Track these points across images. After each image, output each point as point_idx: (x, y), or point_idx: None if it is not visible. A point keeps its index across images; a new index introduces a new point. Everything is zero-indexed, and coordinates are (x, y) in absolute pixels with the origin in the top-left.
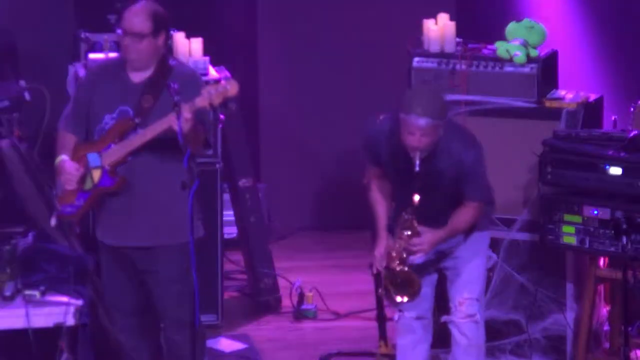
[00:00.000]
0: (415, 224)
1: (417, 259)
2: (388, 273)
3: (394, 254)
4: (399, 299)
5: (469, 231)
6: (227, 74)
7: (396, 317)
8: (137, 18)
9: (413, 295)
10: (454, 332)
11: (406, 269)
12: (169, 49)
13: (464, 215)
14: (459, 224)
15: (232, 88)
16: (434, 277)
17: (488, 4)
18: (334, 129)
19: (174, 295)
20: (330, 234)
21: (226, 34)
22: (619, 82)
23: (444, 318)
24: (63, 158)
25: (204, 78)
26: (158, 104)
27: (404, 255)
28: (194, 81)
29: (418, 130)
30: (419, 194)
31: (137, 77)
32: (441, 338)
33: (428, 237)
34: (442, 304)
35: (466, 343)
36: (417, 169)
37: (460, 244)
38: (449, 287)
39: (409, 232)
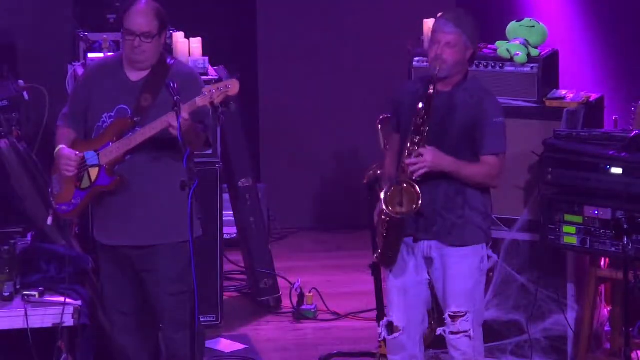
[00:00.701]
0: (425, 135)
1: (418, 172)
2: (393, 184)
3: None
4: (391, 207)
5: (459, 242)
6: (227, 74)
7: (389, 338)
8: (145, 18)
9: (412, 206)
10: (448, 345)
11: (409, 179)
12: (167, 47)
13: (476, 164)
14: (467, 166)
15: (233, 87)
16: (427, 294)
17: (488, 4)
18: (334, 129)
19: (173, 295)
20: (330, 234)
21: (226, 34)
22: (620, 81)
23: (439, 331)
24: (61, 146)
25: (204, 78)
26: (157, 103)
27: (409, 170)
28: (192, 80)
29: (443, 35)
30: (432, 128)
31: (136, 75)
32: (442, 338)
33: (435, 152)
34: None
35: (460, 358)
36: (438, 74)
37: (449, 256)
38: (440, 301)
39: (419, 137)
